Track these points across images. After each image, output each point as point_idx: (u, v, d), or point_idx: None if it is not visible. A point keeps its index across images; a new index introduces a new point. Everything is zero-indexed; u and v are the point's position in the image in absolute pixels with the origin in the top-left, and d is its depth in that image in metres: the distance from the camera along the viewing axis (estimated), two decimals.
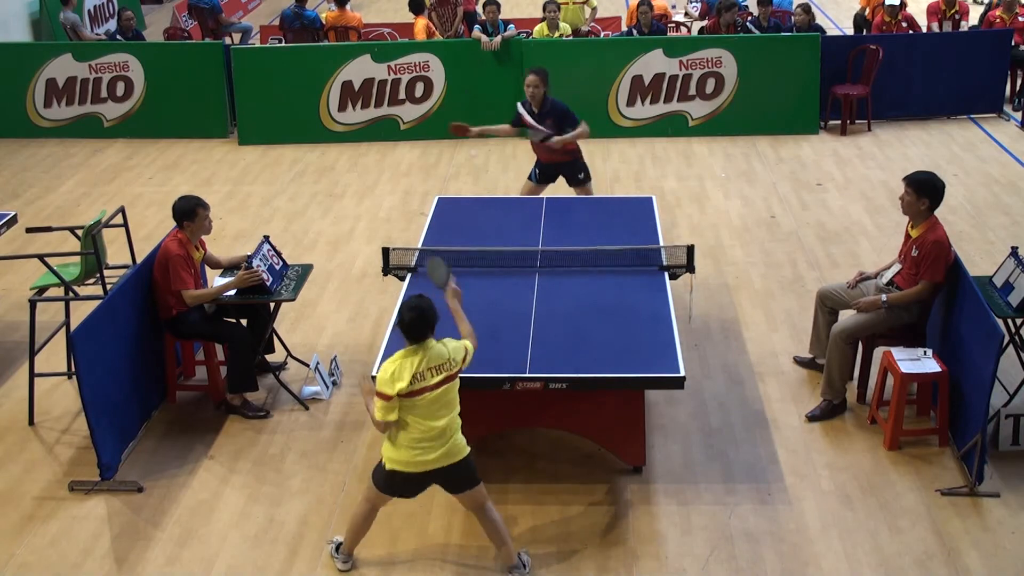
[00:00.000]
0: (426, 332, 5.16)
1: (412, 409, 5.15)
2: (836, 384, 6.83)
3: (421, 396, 5.13)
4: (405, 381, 5.09)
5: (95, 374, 6.14)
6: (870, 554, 5.66)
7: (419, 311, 5.14)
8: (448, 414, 5.24)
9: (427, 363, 5.14)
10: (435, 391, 5.16)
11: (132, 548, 5.86)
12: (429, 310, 5.17)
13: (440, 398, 5.19)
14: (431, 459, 5.22)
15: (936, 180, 6.70)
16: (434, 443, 5.21)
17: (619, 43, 13.05)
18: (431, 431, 5.18)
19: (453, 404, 5.28)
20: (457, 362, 5.26)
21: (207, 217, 6.95)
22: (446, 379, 5.20)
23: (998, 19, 13.37)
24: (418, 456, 5.21)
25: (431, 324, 5.16)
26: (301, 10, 14.35)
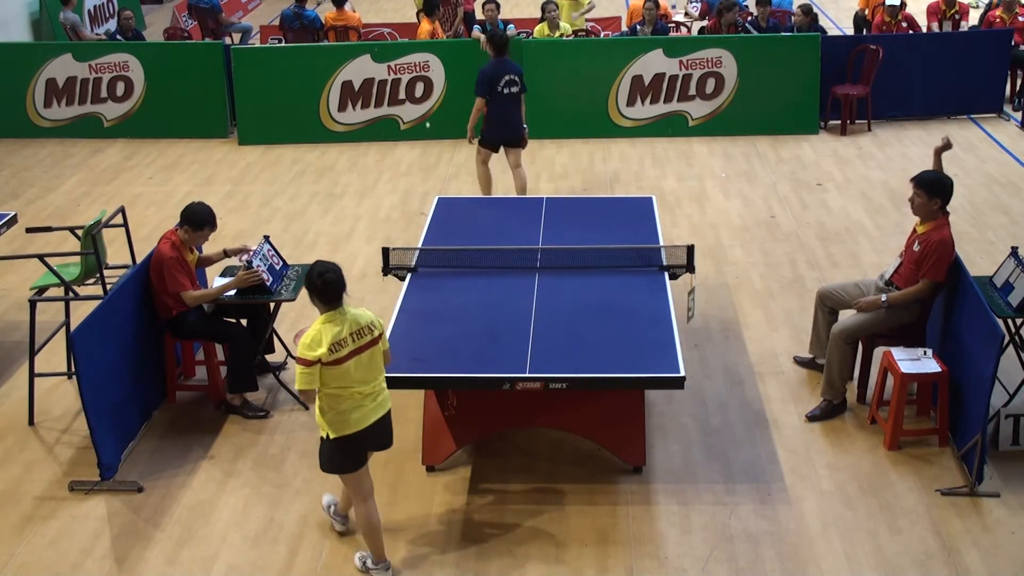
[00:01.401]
0: (340, 297, 5.24)
1: (340, 376, 5.18)
2: (836, 384, 6.83)
3: (346, 362, 5.17)
4: (324, 347, 5.12)
5: (95, 374, 6.14)
6: (870, 554, 5.66)
7: (333, 274, 5.21)
8: (375, 378, 5.32)
9: (348, 329, 5.19)
10: (359, 355, 5.22)
11: (132, 548, 5.86)
12: (340, 274, 5.26)
13: (365, 361, 5.25)
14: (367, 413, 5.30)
15: (945, 179, 6.72)
16: (369, 401, 5.30)
17: (619, 43, 13.05)
18: (358, 395, 5.25)
19: (379, 368, 5.36)
20: (378, 327, 5.33)
21: (208, 236, 6.91)
22: (370, 343, 5.26)
23: (998, 19, 13.37)
24: (353, 415, 5.27)
25: (342, 289, 5.24)
26: (301, 10, 14.35)
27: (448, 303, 6.63)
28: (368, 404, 5.29)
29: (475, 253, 7.11)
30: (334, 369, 5.15)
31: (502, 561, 5.67)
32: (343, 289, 5.25)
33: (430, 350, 6.11)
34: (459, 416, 6.26)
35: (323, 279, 5.19)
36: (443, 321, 6.42)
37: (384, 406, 5.39)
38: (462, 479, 6.33)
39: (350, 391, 5.23)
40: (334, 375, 5.17)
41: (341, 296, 5.24)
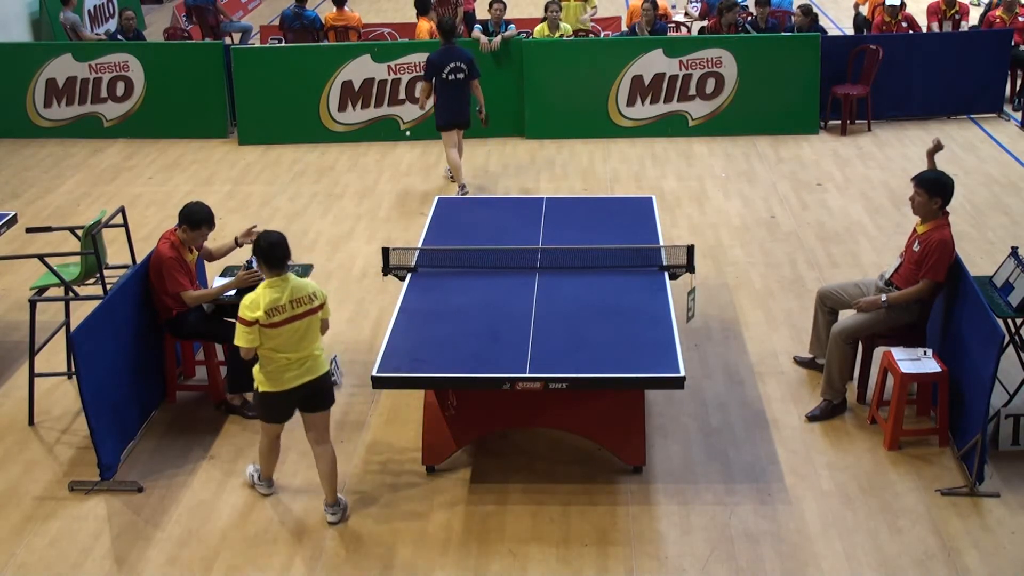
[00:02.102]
0: (283, 262, 5.61)
1: (273, 338, 5.57)
2: (836, 384, 6.83)
3: (281, 327, 5.55)
4: (261, 310, 5.51)
5: (95, 374, 6.14)
6: (870, 554, 5.66)
7: (278, 238, 5.60)
8: (309, 345, 5.69)
9: (288, 296, 5.57)
10: (296, 322, 5.60)
11: (132, 548, 5.86)
12: (285, 242, 5.63)
13: (301, 329, 5.63)
14: (294, 376, 5.69)
15: (945, 178, 6.72)
16: (295, 368, 5.67)
17: (619, 43, 13.04)
18: (291, 359, 5.64)
19: (315, 336, 5.73)
20: (319, 298, 5.69)
21: (207, 235, 6.91)
22: (308, 312, 5.63)
23: (998, 19, 13.37)
24: (282, 375, 5.67)
25: (287, 253, 5.62)
26: (301, 10, 14.35)
27: (448, 303, 6.63)
28: (294, 370, 5.67)
29: (475, 253, 7.11)
30: (269, 331, 5.56)
31: (502, 561, 5.67)
32: (286, 256, 5.62)
33: (430, 350, 6.11)
34: (459, 416, 6.26)
35: (268, 242, 5.58)
36: (443, 321, 6.42)
37: (313, 372, 5.73)
38: (462, 479, 6.33)
39: (278, 355, 5.63)
40: (268, 337, 5.57)
41: (284, 263, 5.61)
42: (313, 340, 5.71)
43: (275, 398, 5.75)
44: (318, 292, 5.71)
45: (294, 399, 5.78)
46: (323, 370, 5.79)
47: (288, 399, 5.77)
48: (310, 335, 5.69)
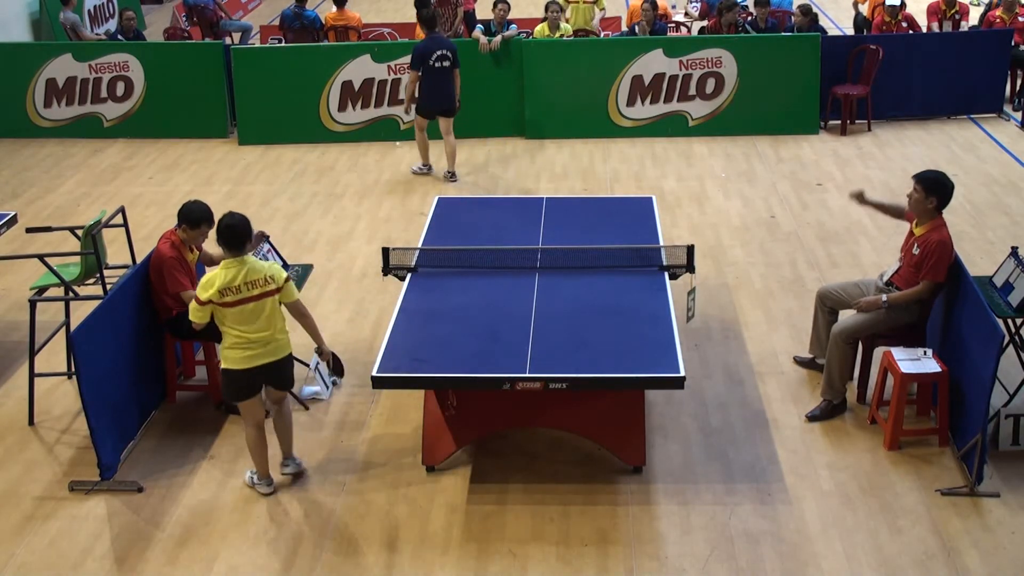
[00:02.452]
0: (240, 244, 5.81)
1: (228, 316, 5.80)
2: (836, 384, 6.83)
3: (235, 307, 5.76)
4: (214, 289, 5.73)
5: (95, 374, 6.14)
6: (870, 554, 5.66)
7: (234, 220, 5.81)
8: (265, 328, 5.86)
9: (244, 277, 5.75)
10: (250, 303, 5.78)
11: (132, 548, 5.86)
12: (243, 224, 5.84)
13: (256, 310, 5.81)
14: (254, 355, 5.89)
15: (946, 180, 6.71)
16: (255, 347, 5.87)
17: (619, 43, 13.05)
18: (248, 339, 5.84)
19: (273, 318, 5.90)
20: (276, 281, 5.84)
21: (207, 233, 6.90)
22: (262, 295, 5.79)
23: (998, 19, 13.37)
24: (243, 354, 5.88)
25: (245, 236, 5.83)
26: (301, 10, 14.35)
27: (448, 303, 6.63)
28: (255, 349, 5.87)
29: (475, 253, 7.11)
30: (224, 311, 5.78)
31: (502, 561, 5.67)
32: (244, 238, 5.81)
33: (430, 350, 6.11)
34: (459, 416, 6.26)
35: (225, 224, 5.79)
36: (443, 321, 6.42)
37: (275, 354, 5.95)
38: (462, 479, 6.33)
39: (235, 332, 5.84)
40: (225, 316, 5.80)
41: (241, 244, 5.80)
42: (272, 322, 5.89)
43: (237, 375, 5.94)
44: (276, 275, 5.86)
45: (256, 378, 5.98)
46: (284, 352, 6.01)
47: (249, 377, 5.96)
48: (266, 316, 5.85)
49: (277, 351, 5.97)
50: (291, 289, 5.95)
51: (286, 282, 5.92)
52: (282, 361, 6.04)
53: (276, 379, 6.11)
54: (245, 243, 5.86)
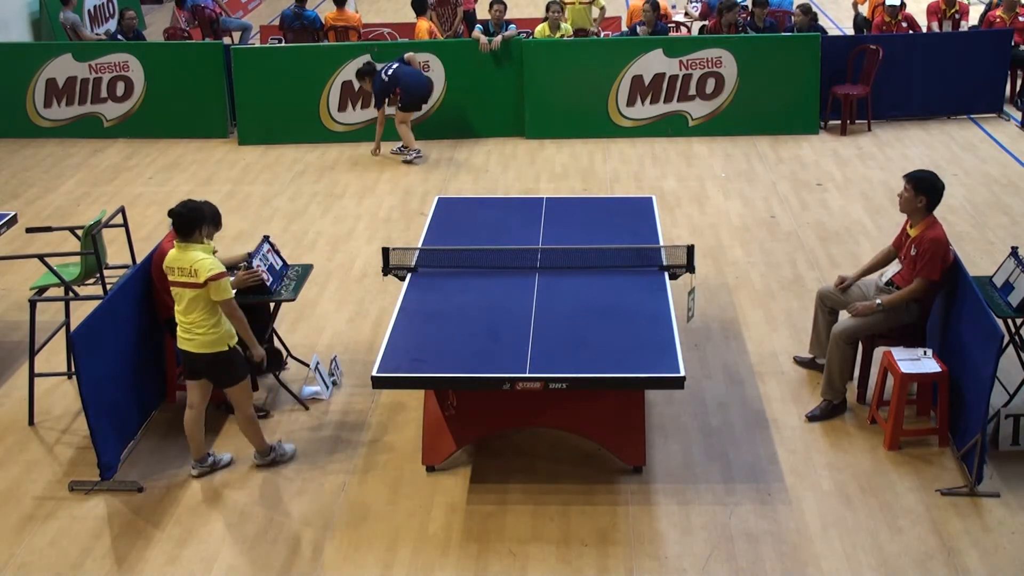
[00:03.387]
0: (185, 231, 5.97)
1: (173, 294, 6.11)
2: (836, 384, 6.83)
3: (172, 287, 6.05)
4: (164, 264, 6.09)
5: (95, 374, 6.14)
6: (870, 554, 5.66)
7: (181, 208, 5.99)
8: (189, 314, 6.02)
9: (178, 262, 5.98)
10: (175, 288, 6.02)
11: (132, 548, 5.86)
12: (192, 212, 5.98)
13: (179, 295, 6.02)
14: (185, 341, 6.10)
15: (936, 180, 6.70)
16: (184, 331, 6.09)
17: (619, 43, 13.05)
18: (180, 319, 6.09)
19: (195, 308, 5.99)
20: (200, 275, 5.90)
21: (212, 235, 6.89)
22: (184, 284, 5.95)
23: (998, 19, 13.37)
24: (178, 333, 6.14)
25: (190, 225, 5.97)
26: (301, 10, 14.35)
27: (448, 303, 6.63)
28: (182, 332, 6.09)
29: (475, 253, 7.11)
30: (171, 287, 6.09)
31: (502, 561, 5.67)
32: (184, 227, 5.95)
33: (430, 350, 6.10)
34: (459, 416, 6.26)
35: (176, 210, 5.98)
36: (443, 321, 6.42)
37: (192, 344, 6.06)
38: (462, 479, 6.33)
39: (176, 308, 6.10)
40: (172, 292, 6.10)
41: (183, 232, 5.96)
42: (194, 313, 6.01)
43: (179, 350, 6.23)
44: (198, 269, 5.92)
45: (187, 362, 6.21)
46: (200, 348, 6.05)
47: (189, 360, 6.19)
48: (188, 305, 5.99)
49: (194, 343, 6.06)
50: (217, 288, 5.94)
51: (208, 280, 5.92)
52: (201, 356, 6.09)
53: (211, 375, 6.21)
54: (189, 230, 5.97)
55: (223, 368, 6.17)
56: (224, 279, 6.00)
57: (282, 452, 6.54)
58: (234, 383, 6.23)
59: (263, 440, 6.45)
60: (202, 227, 6.06)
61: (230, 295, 6.03)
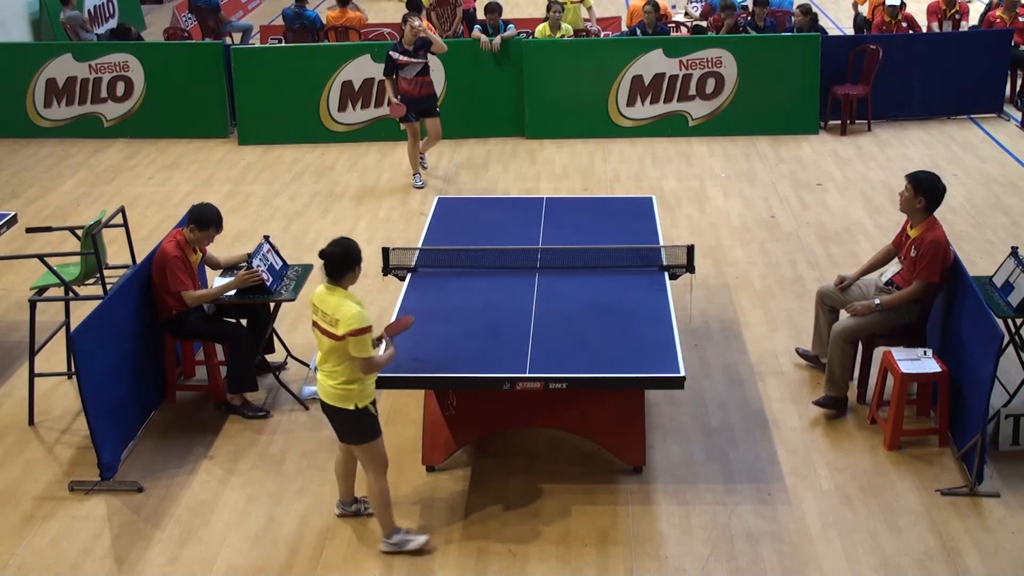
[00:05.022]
0: (336, 273, 5.50)
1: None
2: (838, 380, 6.83)
3: (314, 329, 5.56)
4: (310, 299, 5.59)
5: (95, 374, 6.14)
6: (870, 554, 5.66)
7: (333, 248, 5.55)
8: (325, 361, 5.49)
9: (323, 304, 5.48)
10: (318, 332, 5.52)
11: (132, 548, 5.86)
12: (346, 252, 5.54)
13: (320, 340, 5.52)
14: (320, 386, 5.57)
15: (937, 182, 6.70)
16: (321, 374, 5.54)
17: (619, 43, 13.05)
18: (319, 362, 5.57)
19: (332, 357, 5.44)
20: (342, 326, 5.33)
21: (213, 237, 6.91)
22: (325, 332, 5.43)
23: (998, 19, 13.37)
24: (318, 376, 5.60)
25: (342, 267, 5.50)
26: (301, 10, 14.35)
27: (448, 303, 6.63)
28: (320, 374, 5.56)
29: (475, 253, 7.11)
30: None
31: (502, 561, 5.67)
32: (336, 268, 5.48)
33: (430, 350, 6.10)
34: (459, 416, 6.26)
35: (325, 249, 5.56)
36: (443, 321, 6.42)
37: (322, 391, 5.53)
38: (462, 479, 6.33)
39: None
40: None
41: (333, 274, 5.48)
42: (330, 361, 5.44)
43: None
44: (341, 320, 5.33)
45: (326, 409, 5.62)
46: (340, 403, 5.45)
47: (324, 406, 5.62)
48: (326, 353, 5.46)
49: (326, 392, 5.50)
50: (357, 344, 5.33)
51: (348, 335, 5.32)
52: (332, 408, 5.50)
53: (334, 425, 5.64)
54: (342, 273, 5.47)
55: (348, 425, 5.56)
56: (367, 335, 5.35)
57: (409, 539, 5.74)
58: (358, 442, 5.58)
59: (390, 520, 5.73)
60: (355, 269, 5.54)
61: (369, 353, 5.39)
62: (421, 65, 10.62)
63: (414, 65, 10.59)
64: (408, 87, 10.68)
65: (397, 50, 10.63)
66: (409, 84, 10.68)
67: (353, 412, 5.45)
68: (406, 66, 10.59)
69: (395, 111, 10.69)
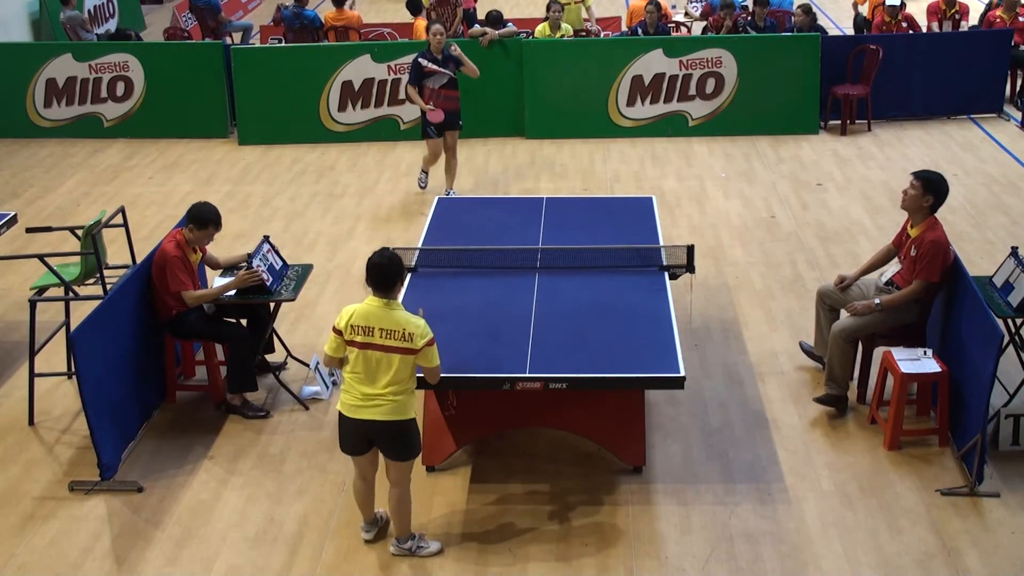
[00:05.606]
0: (385, 285, 5.32)
1: (350, 358, 5.35)
2: (838, 380, 6.83)
3: (357, 349, 5.30)
4: (344, 320, 5.32)
5: (95, 374, 6.14)
6: (870, 554, 5.66)
7: (379, 259, 5.37)
8: (381, 381, 5.30)
9: (379, 322, 5.27)
10: (370, 351, 5.28)
11: (132, 548, 5.86)
12: (392, 262, 5.35)
13: (373, 361, 5.29)
14: (357, 409, 5.36)
15: (944, 183, 6.71)
16: (358, 398, 5.35)
17: (619, 43, 13.05)
18: (355, 385, 5.35)
19: (393, 377, 5.29)
20: (413, 340, 5.26)
21: (213, 235, 6.91)
22: (393, 348, 5.26)
23: (998, 19, 13.37)
24: (346, 399, 5.40)
25: (391, 278, 5.32)
26: (301, 10, 14.35)
27: (448, 303, 6.63)
28: (362, 400, 5.35)
29: (475, 253, 7.11)
30: (349, 348, 5.34)
31: (502, 561, 5.67)
32: (388, 281, 5.32)
33: None
34: (459, 416, 6.26)
35: (370, 260, 5.39)
36: (443, 321, 6.40)
37: (381, 411, 5.32)
38: (462, 479, 6.33)
39: (350, 375, 5.38)
40: (350, 351, 5.35)
41: (383, 286, 5.32)
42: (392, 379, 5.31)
43: (341, 421, 5.48)
44: (415, 335, 5.26)
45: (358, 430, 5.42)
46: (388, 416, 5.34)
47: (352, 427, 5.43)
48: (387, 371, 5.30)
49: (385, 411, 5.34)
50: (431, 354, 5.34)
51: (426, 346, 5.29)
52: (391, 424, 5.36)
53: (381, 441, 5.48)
54: (392, 284, 5.32)
55: (407, 438, 5.44)
56: (435, 345, 5.37)
57: (422, 545, 5.72)
58: (413, 455, 5.53)
59: (409, 525, 5.70)
60: (403, 279, 5.42)
61: (439, 362, 5.41)
62: (448, 77, 10.08)
63: (441, 75, 10.04)
64: (433, 99, 10.10)
65: (426, 57, 10.04)
66: (434, 96, 10.10)
67: (411, 421, 5.43)
68: (433, 75, 10.04)
69: (434, 116, 10.07)
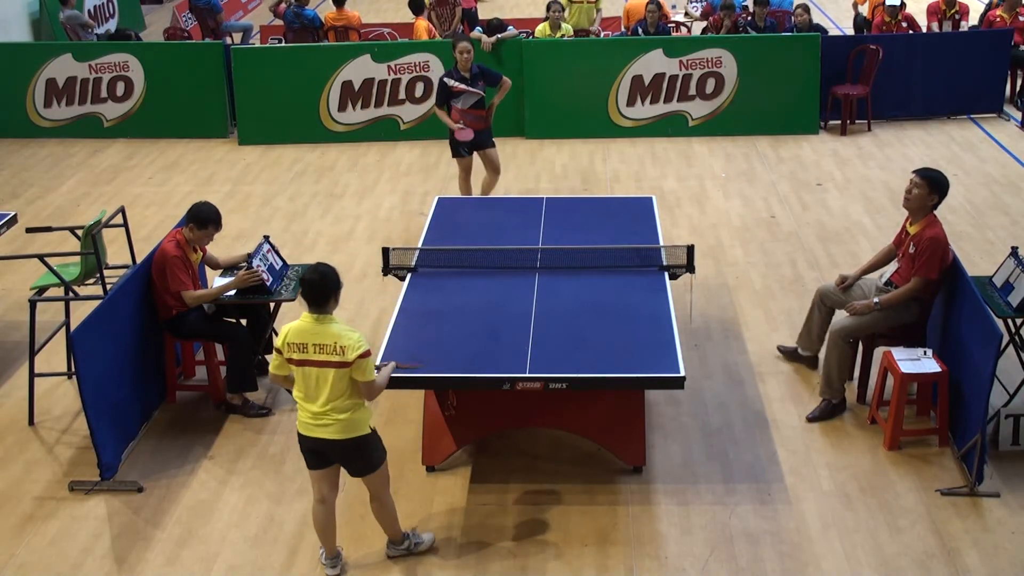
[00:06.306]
0: (316, 300, 5.15)
1: (296, 375, 5.22)
2: (835, 383, 6.83)
3: (299, 367, 5.17)
4: (281, 339, 5.19)
5: (95, 374, 6.14)
6: (870, 554, 5.66)
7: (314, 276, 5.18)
8: (319, 399, 5.16)
9: (312, 337, 5.11)
10: (307, 367, 5.15)
11: (132, 548, 5.86)
12: (325, 279, 5.17)
13: (311, 377, 5.15)
14: (305, 427, 5.26)
15: (946, 180, 6.74)
16: (305, 417, 5.24)
17: (619, 43, 13.05)
18: (300, 404, 5.25)
19: (330, 393, 5.14)
20: (345, 353, 5.08)
21: (213, 235, 6.91)
22: (326, 363, 5.10)
23: (998, 19, 13.36)
24: (304, 419, 5.27)
25: (324, 294, 5.15)
26: (301, 10, 14.35)
27: (448, 303, 6.63)
28: (308, 419, 5.23)
29: (475, 253, 7.11)
30: (291, 367, 5.23)
31: (502, 561, 5.67)
32: (321, 296, 5.15)
33: (430, 350, 6.10)
34: (459, 416, 6.26)
35: (304, 277, 5.23)
36: (443, 321, 6.42)
37: (329, 431, 5.19)
38: (462, 479, 6.33)
39: (296, 394, 5.28)
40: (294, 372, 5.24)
41: (319, 302, 5.15)
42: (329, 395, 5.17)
43: (300, 438, 5.35)
44: (347, 347, 5.09)
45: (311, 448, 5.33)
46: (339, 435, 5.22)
47: (305, 444, 5.34)
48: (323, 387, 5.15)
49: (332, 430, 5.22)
50: (363, 367, 5.13)
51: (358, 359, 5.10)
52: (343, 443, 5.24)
53: (338, 458, 5.37)
54: (325, 300, 5.15)
55: (363, 453, 5.31)
56: (370, 358, 5.19)
57: (418, 541, 5.72)
58: (376, 467, 5.38)
59: (399, 528, 5.66)
60: (338, 292, 5.24)
61: (373, 376, 5.21)
62: (478, 97, 9.30)
63: (470, 95, 9.27)
64: (463, 119, 9.38)
65: (453, 76, 9.31)
66: (462, 116, 9.36)
67: (369, 436, 5.29)
68: (461, 95, 9.28)
69: (463, 135, 9.35)
